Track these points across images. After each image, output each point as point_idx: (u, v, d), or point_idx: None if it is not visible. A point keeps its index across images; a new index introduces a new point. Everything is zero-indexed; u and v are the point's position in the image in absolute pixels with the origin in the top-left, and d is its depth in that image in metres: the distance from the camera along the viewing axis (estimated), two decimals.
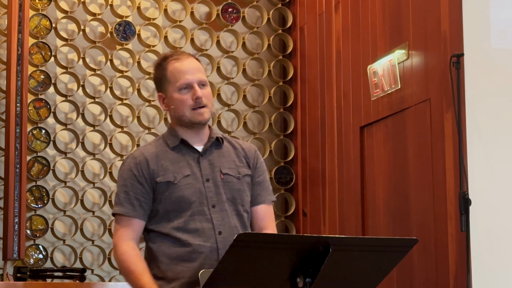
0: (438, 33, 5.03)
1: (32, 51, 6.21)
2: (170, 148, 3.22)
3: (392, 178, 5.43)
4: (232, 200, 3.21)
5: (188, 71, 3.20)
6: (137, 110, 6.47)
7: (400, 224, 5.31)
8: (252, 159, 3.32)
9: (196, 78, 3.19)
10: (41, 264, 6.09)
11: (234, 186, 3.22)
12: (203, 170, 3.20)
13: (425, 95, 5.13)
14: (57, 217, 6.24)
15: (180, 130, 3.24)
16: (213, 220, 3.14)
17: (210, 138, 3.25)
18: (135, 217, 3.16)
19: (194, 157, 3.22)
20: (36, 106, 6.23)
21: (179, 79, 3.19)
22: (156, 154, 3.20)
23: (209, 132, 3.27)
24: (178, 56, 3.25)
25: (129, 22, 6.50)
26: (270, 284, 2.86)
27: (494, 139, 4.86)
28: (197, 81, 3.19)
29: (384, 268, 2.89)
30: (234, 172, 3.24)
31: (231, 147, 3.30)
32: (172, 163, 3.19)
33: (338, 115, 6.12)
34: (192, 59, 3.25)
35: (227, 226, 3.15)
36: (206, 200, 3.16)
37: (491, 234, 4.77)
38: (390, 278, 5.21)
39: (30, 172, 6.14)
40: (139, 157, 3.20)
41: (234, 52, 6.75)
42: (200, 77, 3.20)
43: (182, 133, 3.24)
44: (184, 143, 3.22)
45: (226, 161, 3.25)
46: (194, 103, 3.17)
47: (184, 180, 3.16)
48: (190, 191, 3.16)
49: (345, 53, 6.06)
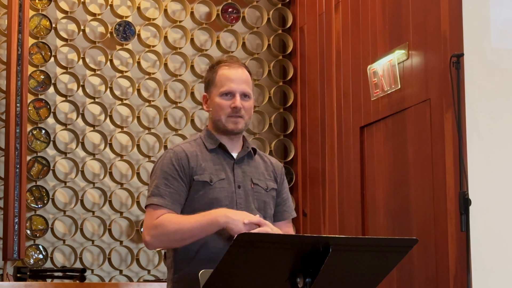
0: (438, 33, 5.02)
1: (32, 51, 6.21)
2: (208, 150, 3.30)
3: (392, 178, 5.43)
4: (258, 209, 3.28)
5: (234, 79, 3.29)
6: (137, 110, 6.47)
7: (400, 224, 5.31)
8: (280, 175, 3.43)
9: (240, 89, 3.28)
10: (41, 264, 6.09)
11: (262, 197, 3.32)
12: (236, 176, 3.29)
13: (425, 95, 5.13)
14: (57, 217, 6.23)
15: (217, 134, 3.33)
16: None
17: (244, 147, 3.35)
18: (173, 210, 3.20)
19: (230, 163, 3.30)
20: (36, 106, 6.23)
21: (224, 85, 3.29)
22: (196, 153, 3.28)
23: (242, 142, 3.37)
24: (231, 63, 3.34)
25: (129, 22, 6.50)
26: (270, 284, 2.86)
27: (494, 139, 4.86)
28: (240, 92, 3.28)
29: (384, 268, 2.89)
30: (263, 184, 3.33)
31: (261, 160, 3.41)
32: (209, 165, 3.27)
33: (338, 115, 6.12)
34: (243, 70, 3.34)
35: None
36: (236, 206, 3.24)
37: (491, 234, 4.77)
38: (390, 278, 5.21)
39: (30, 172, 6.14)
40: (180, 153, 3.27)
41: (234, 52, 6.74)
42: (244, 89, 3.30)
43: (219, 137, 3.33)
44: (222, 147, 3.31)
45: (256, 172, 3.34)
46: (231, 110, 3.26)
47: (219, 183, 3.24)
48: (223, 194, 3.24)
49: (345, 53, 6.06)
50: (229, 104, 3.27)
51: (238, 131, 3.30)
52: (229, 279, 2.78)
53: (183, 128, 6.57)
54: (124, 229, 6.39)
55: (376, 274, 2.89)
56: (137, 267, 6.36)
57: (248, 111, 3.30)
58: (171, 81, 6.60)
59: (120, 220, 6.38)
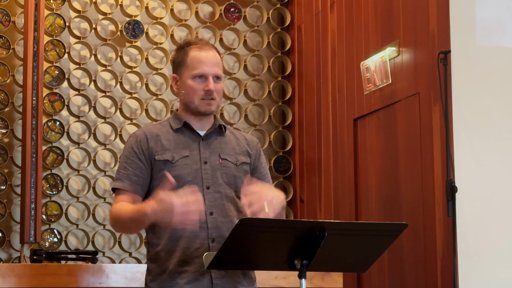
0: (426, 31, 5.02)
1: (47, 48, 6.20)
2: (173, 130, 3.17)
3: (383, 166, 5.43)
4: (228, 184, 3.12)
5: (206, 62, 3.13)
6: (145, 103, 6.47)
7: (391, 209, 5.31)
8: (254, 150, 3.26)
9: (213, 71, 3.13)
10: (56, 247, 6.10)
11: (231, 171, 3.15)
12: (202, 153, 3.14)
13: (414, 89, 5.13)
14: (70, 203, 6.24)
15: (185, 115, 3.19)
16: (206, 201, 3.04)
17: (213, 125, 3.20)
18: (133, 192, 3.09)
19: (195, 140, 3.16)
20: (51, 100, 6.23)
21: (196, 67, 3.13)
22: (156, 134, 3.15)
23: (213, 120, 3.21)
24: (202, 45, 3.17)
25: (137, 21, 6.49)
26: (269, 265, 2.87)
27: (478, 131, 4.86)
28: (213, 74, 3.13)
29: (376, 251, 2.89)
30: (232, 159, 3.17)
31: (232, 136, 3.25)
32: (172, 144, 3.13)
33: (333, 108, 6.11)
34: (214, 52, 3.18)
35: (219, 208, 3.08)
36: (201, 181, 3.08)
37: (476, 219, 4.77)
38: (382, 260, 5.21)
39: (46, 161, 6.14)
40: (140, 136, 3.15)
41: (236, 49, 6.74)
42: (217, 71, 3.14)
43: (187, 117, 3.18)
44: (187, 126, 3.17)
45: (226, 147, 3.19)
46: (204, 93, 3.11)
47: (181, 160, 3.10)
48: (186, 171, 3.08)
49: (340, 50, 6.05)
50: (202, 87, 3.11)
51: (211, 112, 3.15)
52: (231, 261, 2.79)
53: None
54: None
55: (368, 256, 2.89)
56: (145, 249, 6.36)
57: (219, 93, 3.15)
58: None
59: None
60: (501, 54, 4.96)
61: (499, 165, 4.86)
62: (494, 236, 4.79)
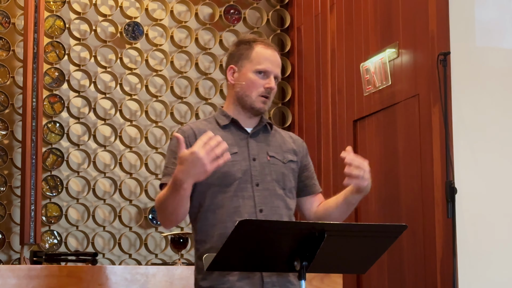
0: (426, 33, 5.02)
1: (47, 50, 6.20)
2: (221, 127, 3.12)
3: (383, 168, 5.43)
4: (276, 182, 3.09)
5: (272, 61, 3.14)
6: (145, 104, 6.46)
7: (391, 211, 5.31)
8: (301, 148, 3.24)
9: (275, 71, 3.14)
10: (56, 249, 6.09)
11: (279, 169, 3.11)
12: (250, 149, 3.10)
13: (414, 91, 5.13)
14: (70, 204, 6.24)
15: (234, 111, 3.14)
16: (255, 198, 3.03)
17: (260, 122, 3.16)
18: None
19: (243, 137, 3.12)
20: (51, 101, 6.23)
21: (262, 63, 3.11)
22: (204, 130, 3.02)
23: (260, 118, 3.18)
24: (267, 44, 3.18)
25: (137, 22, 6.49)
26: (269, 267, 2.86)
27: (478, 132, 4.86)
28: (275, 74, 3.14)
29: (376, 252, 2.88)
30: (280, 156, 3.13)
31: (278, 135, 3.22)
32: None
33: (333, 109, 6.11)
34: (278, 54, 3.21)
35: (269, 205, 3.04)
36: (250, 178, 3.05)
37: (476, 220, 4.77)
38: (381, 261, 5.21)
39: (45, 163, 6.14)
40: (187, 131, 3.09)
41: None
42: (278, 72, 3.16)
43: (235, 113, 3.14)
44: (235, 123, 3.12)
45: (273, 145, 3.15)
46: (264, 90, 3.10)
47: (231, 157, 2.96)
48: (235, 168, 3.04)
49: (339, 51, 6.05)
50: (264, 83, 3.10)
51: (263, 111, 3.12)
52: (231, 262, 2.78)
53: (188, 122, 6.56)
54: (133, 216, 6.39)
55: (368, 257, 2.89)
56: (145, 251, 6.36)
57: (274, 94, 3.15)
58: (177, 77, 6.59)
59: (130, 208, 6.38)
60: (501, 55, 4.96)
61: (499, 166, 4.86)
62: (494, 237, 4.79)
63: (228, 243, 2.68)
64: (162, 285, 4.22)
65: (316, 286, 4.41)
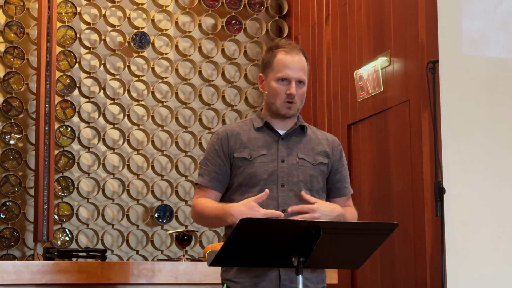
0: (416, 42, 5.02)
1: (59, 58, 6.21)
2: (255, 129, 3.12)
3: (375, 170, 5.43)
4: (304, 183, 3.07)
5: (292, 66, 3.07)
6: (151, 110, 6.47)
7: (383, 210, 5.31)
8: (336, 151, 3.20)
9: (296, 76, 3.07)
10: (67, 246, 6.10)
11: (308, 171, 3.09)
12: (280, 151, 3.08)
13: (404, 97, 5.13)
14: (81, 204, 6.24)
15: (267, 115, 3.14)
16: (279, 198, 3.02)
17: (294, 125, 3.14)
18: (212, 188, 3.09)
19: (275, 139, 3.11)
20: (63, 107, 6.23)
21: (281, 70, 3.07)
22: (237, 132, 3.11)
23: (295, 120, 3.16)
24: (290, 49, 3.12)
25: (144, 32, 6.50)
26: (268, 262, 2.86)
27: (465, 136, 4.86)
28: (296, 79, 3.07)
29: (369, 249, 2.88)
30: (310, 158, 3.11)
31: (313, 136, 3.19)
32: (251, 142, 3.09)
33: (328, 114, 6.12)
34: (300, 56, 3.12)
35: (292, 206, 3.01)
36: (276, 179, 3.04)
37: (463, 219, 4.77)
38: (374, 258, 5.21)
39: (58, 165, 6.15)
40: (222, 134, 3.13)
41: (237, 59, 6.74)
42: (300, 76, 3.08)
43: (269, 118, 3.14)
44: (268, 126, 3.12)
45: (304, 147, 3.13)
46: (286, 96, 3.06)
47: (259, 158, 3.06)
48: (262, 169, 3.04)
49: (335, 59, 6.06)
50: (285, 90, 3.06)
51: (290, 115, 3.10)
52: (232, 259, 2.79)
53: (192, 126, 6.57)
54: (140, 215, 6.39)
55: (361, 254, 2.89)
56: (151, 248, 6.36)
57: (301, 96, 3.09)
58: (182, 84, 6.59)
59: (137, 207, 6.38)
60: (486, 63, 4.97)
61: (485, 167, 4.86)
62: (480, 235, 4.79)
63: (230, 240, 2.69)
64: (167, 279, 4.23)
65: None
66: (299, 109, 3.13)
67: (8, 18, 6.20)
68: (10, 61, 6.15)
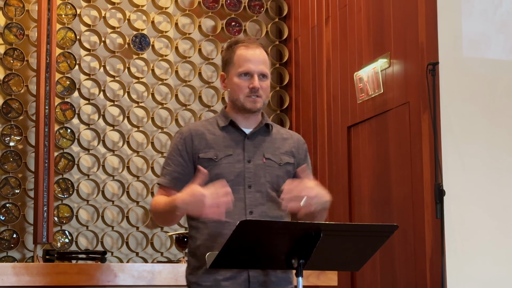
0: (416, 44, 5.02)
1: (59, 60, 6.21)
2: (219, 128, 3.05)
3: (375, 171, 5.43)
4: (270, 183, 3.00)
5: (252, 60, 3.01)
6: (151, 111, 6.47)
7: (383, 212, 5.31)
8: (301, 150, 3.13)
9: (258, 69, 3.01)
10: (67, 247, 6.09)
11: (275, 171, 3.03)
12: (246, 151, 3.02)
13: (404, 98, 5.13)
14: (81, 206, 6.24)
15: (232, 113, 3.07)
16: (246, 200, 2.97)
17: (260, 123, 3.07)
18: (173, 188, 3.00)
19: (240, 139, 3.04)
20: (63, 108, 6.23)
21: (242, 65, 3.01)
22: (202, 132, 3.04)
23: (260, 118, 3.09)
24: (249, 44, 3.05)
25: (144, 34, 6.50)
26: (268, 264, 2.86)
27: (465, 137, 4.86)
28: (258, 72, 3.01)
29: (369, 251, 2.88)
30: (276, 158, 3.04)
31: (279, 135, 3.11)
32: (217, 142, 3.02)
33: (328, 116, 6.12)
34: (260, 50, 3.05)
35: (259, 207, 2.97)
36: (243, 180, 2.98)
37: (463, 221, 4.77)
38: (374, 259, 5.21)
39: (57, 167, 6.14)
40: (185, 133, 3.05)
41: None
42: (262, 69, 3.02)
43: (234, 116, 3.06)
44: (233, 124, 3.05)
45: (270, 147, 3.06)
46: (249, 91, 2.99)
47: (225, 159, 2.99)
48: (228, 170, 2.97)
49: (334, 61, 6.06)
50: (247, 84, 2.99)
51: (256, 109, 3.01)
52: (232, 260, 2.78)
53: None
54: (140, 217, 6.39)
55: (361, 256, 2.89)
56: (151, 249, 6.36)
57: (265, 90, 3.02)
58: (181, 86, 6.60)
59: (137, 209, 6.38)
60: (486, 65, 4.97)
61: (484, 169, 4.86)
62: (480, 237, 4.79)
63: (229, 242, 2.68)
64: (167, 281, 4.22)
65: (312, 282, 4.40)
66: (265, 103, 3.05)
67: (8, 20, 6.20)
68: (10, 63, 6.15)
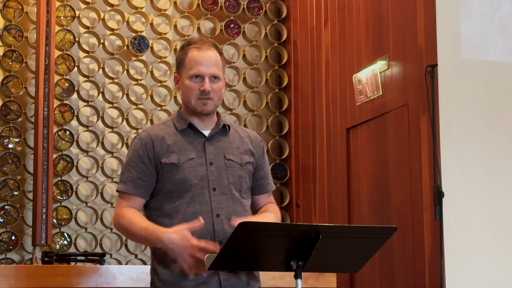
0: (415, 46, 5.03)
1: (57, 62, 6.21)
2: (178, 131, 3.02)
3: (374, 173, 5.43)
4: (233, 185, 2.99)
5: (203, 62, 2.97)
6: (150, 113, 6.47)
7: (382, 213, 5.31)
8: (258, 148, 3.12)
9: (209, 72, 2.97)
10: (66, 249, 6.09)
11: (237, 172, 3.01)
12: (207, 154, 2.99)
13: (403, 100, 5.13)
14: (80, 208, 6.24)
15: (188, 115, 3.04)
16: (212, 203, 2.94)
17: (217, 124, 3.05)
18: (136, 195, 2.98)
19: (201, 141, 3.01)
20: (61, 110, 6.23)
21: (193, 68, 2.97)
22: (162, 136, 2.99)
23: (216, 119, 3.07)
24: (201, 45, 3.00)
25: (143, 36, 6.50)
26: (267, 266, 2.86)
27: (464, 139, 4.86)
28: (209, 74, 2.97)
29: (368, 253, 2.88)
30: (237, 159, 3.02)
31: (236, 135, 3.09)
32: (178, 146, 2.98)
33: (327, 118, 6.12)
34: (213, 51, 3.01)
35: (225, 210, 2.95)
36: (207, 183, 2.95)
37: (462, 223, 4.77)
38: (373, 261, 5.21)
39: (56, 168, 6.14)
40: (145, 138, 3.00)
41: (236, 62, 6.75)
42: (213, 71, 2.98)
43: (190, 117, 3.03)
44: (192, 127, 3.02)
45: (230, 147, 3.03)
46: (200, 93, 2.96)
47: (188, 163, 2.95)
48: (192, 174, 2.94)
49: (333, 63, 6.06)
50: (198, 87, 2.96)
51: (207, 112, 2.98)
52: (232, 262, 2.78)
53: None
54: None
55: (360, 257, 2.89)
56: (150, 252, 6.35)
57: (217, 92, 2.98)
58: None
59: None
60: (485, 67, 4.97)
61: (483, 171, 4.86)
62: (479, 239, 4.79)
63: (228, 245, 2.68)
64: None
65: (311, 284, 4.41)
66: (217, 105, 3.02)
67: (7, 21, 6.20)
68: (9, 64, 6.15)
